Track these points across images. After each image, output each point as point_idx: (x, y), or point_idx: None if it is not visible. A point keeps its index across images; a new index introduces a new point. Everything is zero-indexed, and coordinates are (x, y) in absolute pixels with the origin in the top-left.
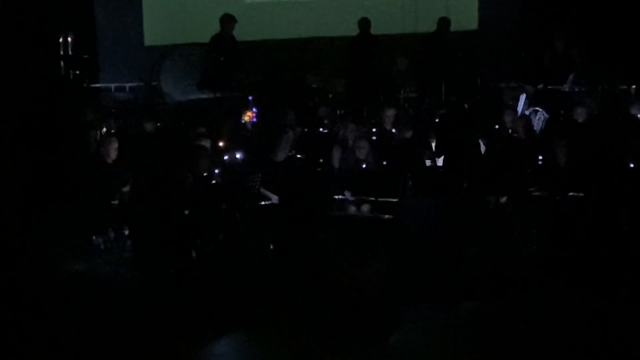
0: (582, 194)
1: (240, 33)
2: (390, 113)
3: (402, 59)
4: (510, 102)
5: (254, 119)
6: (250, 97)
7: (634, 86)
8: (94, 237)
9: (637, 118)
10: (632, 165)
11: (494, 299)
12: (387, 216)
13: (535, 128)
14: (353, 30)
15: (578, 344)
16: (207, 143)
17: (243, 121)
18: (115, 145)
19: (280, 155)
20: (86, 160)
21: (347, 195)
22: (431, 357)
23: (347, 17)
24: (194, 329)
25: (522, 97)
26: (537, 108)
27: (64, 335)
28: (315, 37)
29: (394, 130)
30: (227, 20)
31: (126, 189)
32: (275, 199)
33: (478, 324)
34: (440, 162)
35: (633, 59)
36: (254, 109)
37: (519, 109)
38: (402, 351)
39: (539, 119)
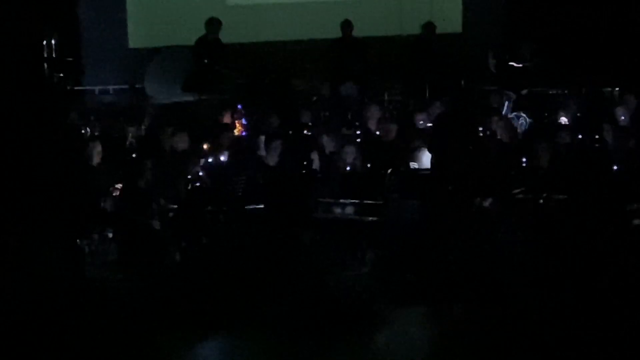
0: (565, 197)
1: (223, 35)
2: (374, 114)
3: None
4: (496, 105)
5: (243, 133)
6: (239, 106)
7: (617, 89)
8: (78, 241)
9: (621, 120)
10: (615, 168)
11: (478, 301)
12: (371, 218)
13: (518, 132)
14: (337, 33)
15: (563, 346)
16: (190, 145)
17: (233, 134)
18: (99, 148)
19: (271, 159)
20: (70, 163)
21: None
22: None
23: (331, 19)
24: (179, 331)
25: (507, 102)
26: (519, 113)
27: (47, 338)
28: (299, 40)
29: (378, 133)
30: (213, 23)
31: (111, 191)
32: None
33: (463, 326)
34: (424, 164)
35: (616, 62)
36: (244, 121)
37: (504, 113)
38: (386, 353)
39: (522, 124)
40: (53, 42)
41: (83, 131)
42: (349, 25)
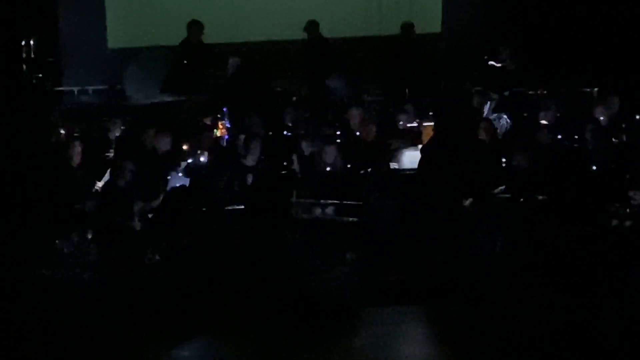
0: (545, 197)
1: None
2: (355, 114)
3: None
4: (479, 105)
5: (227, 136)
6: (225, 109)
7: (596, 89)
8: (57, 241)
9: (600, 120)
10: (594, 167)
11: (459, 301)
12: (351, 219)
13: (499, 132)
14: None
15: (543, 346)
16: (170, 146)
17: (215, 135)
18: (79, 149)
19: (250, 160)
20: (50, 163)
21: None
22: None
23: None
24: (159, 332)
25: (488, 103)
26: (500, 114)
27: (25, 339)
28: (279, 40)
29: (358, 133)
30: (195, 26)
31: (92, 191)
32: None
33: (443, 326)
34: (405, 164)
35: (595, 62)
36: (228, 124)
37: (485, 114)
38: (367, 354)
39: (503, 125)
40: (32, 42)
41: (62, 132)
42: (314, 25)
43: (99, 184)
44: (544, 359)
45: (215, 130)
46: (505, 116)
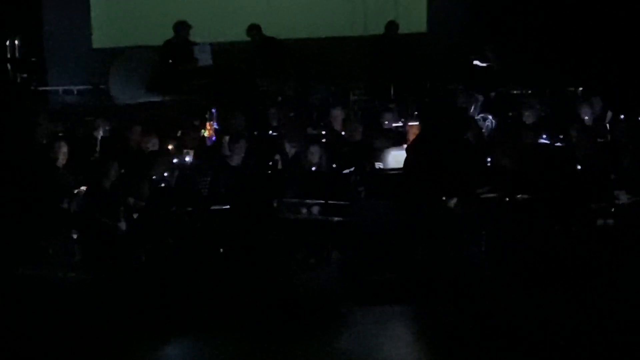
0: (530, 196)
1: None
2: (337, 113)
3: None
4: (465, 105)
5: (213, 138)
6: (213, 110)
7: (580, 88)
8: (42, 242)
9: (585, 120)
10: (579, 167)
11: (443, 300)
12: (337, 218)
13: (485, 133)
14: (301, 32)
15: (528, 345)
16: (155, 146)
17: (202, 135)
18: (64, 149)
19: (235, 160)
20: (35, 163)
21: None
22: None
23: (296, 19)
24: (144, 332)
25: (475, 104)
26: (486, 115)
27: (10, 339)
28: None
29: (343, 133)
30: (181, 26)
31: (77, 192)
32: None
33: (429, 325)
34: (390, 164)
35: (579, 62)
36: (215, 125)
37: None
38: (351, 353)
39: (487, 125)
40: (16, 42)
41: (47, 131)
42: (255, 29)
43: (85, 184)
44: (530, 357)
45: (202, 130)
46: (490, 117)
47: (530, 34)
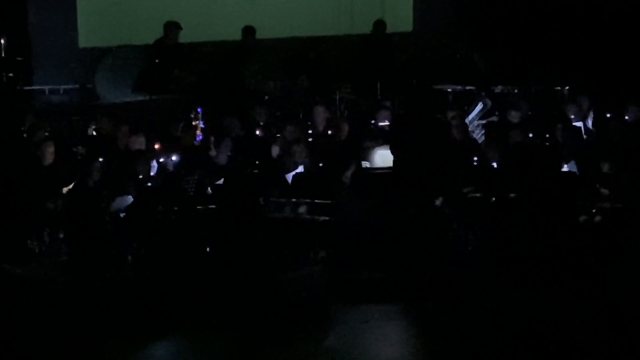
0: (516, 195)
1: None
2: (319, 112)
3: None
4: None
5: (199, 137)
6: (199, 109)
7: (567, 87)
8: (28, 241)
9: (571, 119)
10: (565, 166)
11: (431, 299)
12: (323, 218)
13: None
14: (290, 31)
15: (514, 345)
16: (142, 145)
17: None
18: (51, 148)
19: (222, 159)
20: (22, 163)
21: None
22: (367, 358)
23: (282, 18)
24: (130, 332)
25: (479, 106)
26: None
27: None
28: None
29: (330, 132)
30: (171, 27)
31: (64, 191)
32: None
33: (414, 324)
34: (376, 163)
35: (566, 61)
36: (201, 124)
37: (472, 116)
38: (338, 352)
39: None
40: (2, 41)
41: (33, 131)
42: (249, 30)
43: (71, 184)
44: (518, 355)
45: (188, 129)
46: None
47: (516, 32)
